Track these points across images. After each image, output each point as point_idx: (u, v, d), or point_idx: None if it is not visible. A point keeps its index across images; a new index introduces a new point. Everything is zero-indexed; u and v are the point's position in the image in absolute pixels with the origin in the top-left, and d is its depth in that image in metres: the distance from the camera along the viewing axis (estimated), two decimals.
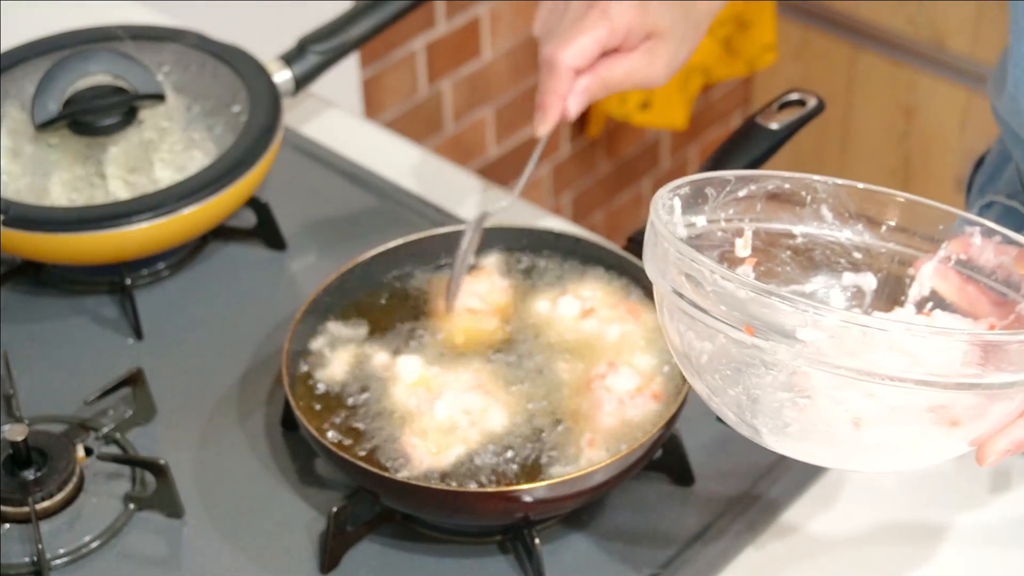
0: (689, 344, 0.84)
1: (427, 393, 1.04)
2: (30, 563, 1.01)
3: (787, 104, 1.17)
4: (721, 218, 0.93)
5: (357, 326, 1.11)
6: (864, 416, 0.80)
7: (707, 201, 0.91)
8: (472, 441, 1.01)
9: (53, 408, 1.13)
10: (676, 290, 0.81)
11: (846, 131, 2.68)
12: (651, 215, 0.84)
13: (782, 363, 0.79)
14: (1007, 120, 1.09)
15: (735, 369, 0.82)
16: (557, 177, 2.68)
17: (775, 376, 0.81)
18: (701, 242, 0.91)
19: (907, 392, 0.78)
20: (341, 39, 1.33)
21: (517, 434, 1.02)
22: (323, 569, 1.01)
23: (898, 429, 0.81)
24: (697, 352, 0.83)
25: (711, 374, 0.83)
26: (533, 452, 1.01)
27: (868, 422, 0.80)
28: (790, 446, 0.83)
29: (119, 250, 1.18)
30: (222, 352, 1.18)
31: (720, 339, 0.81)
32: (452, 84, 2.42)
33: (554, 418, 1.03)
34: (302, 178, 1.35)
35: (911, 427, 0.81)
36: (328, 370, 1.07)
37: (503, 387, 1.05)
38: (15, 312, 1.22)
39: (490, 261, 1.15)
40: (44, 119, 1.19)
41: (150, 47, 1.31)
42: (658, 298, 0.86)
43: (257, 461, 1.09)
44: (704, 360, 0.83)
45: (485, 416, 1.02)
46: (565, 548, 1.03)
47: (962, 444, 0.82)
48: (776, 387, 0.81)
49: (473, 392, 1.04)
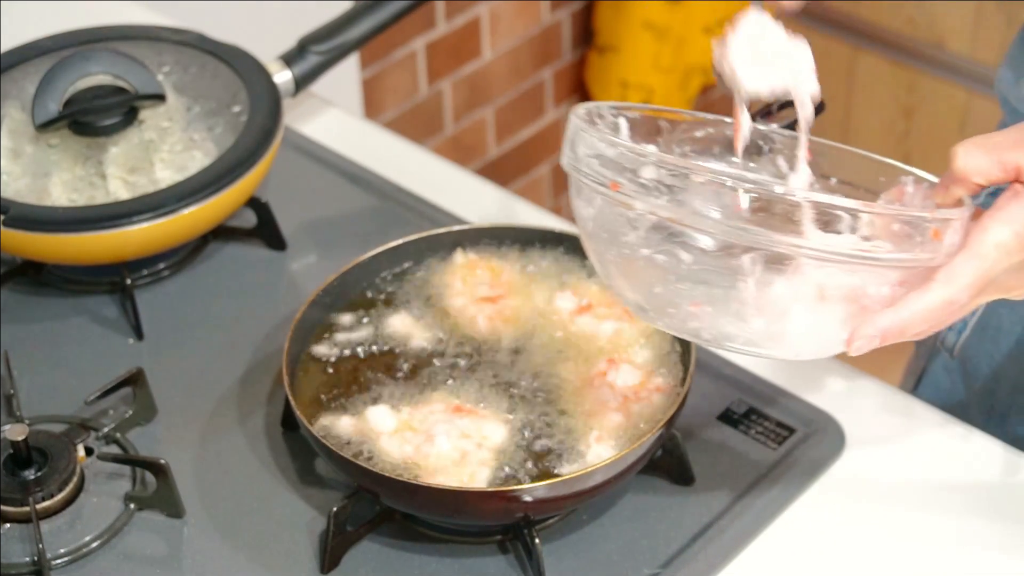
0: (579, 215, 0.89)
1: (415, 435, 1.02)
2: (30, 563, 1.01)
3: (787, 104, 1.17)
4: (676, 152, 0.98)
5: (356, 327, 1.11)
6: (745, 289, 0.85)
7: (660, 134, 0.96)
8: (488, 459, 1.01)
9: (53, 408, 1.13)
10: (570, 162, 0.89)
11: (846, 131, 2.69)
12: (571, 115, 0.90)
13: (640, 216, 0.84)
14: (1019, 108, 1.09)
15: (610, 232, 0.87)
16: (557, 177, 2.68)
17: (637, 232, 0.86)
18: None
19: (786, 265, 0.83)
20: (341, 39, 1.33)
21: (528, 434, 1.02)
22: (323, 569, 1.01)
23: (775, 303, 0.85)
24: (584, 220, 0.89)
25: (593, 240, 0.89)
26: (553, 445, 1.01)
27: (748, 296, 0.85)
28: (663, 317, 0.88)
29: (119, 250, 1.18)
30: (222, 352, 1.18)
31: (597, 201, 0.87)
32: (452, 84, 2.42)
33: (553, 415, 1.03)
34: (302, 178, 1.35)
35: (787, 301, 0.84)
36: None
37: (497, 396, 1.06)
38: (15, 312, 1.22)
39: (487, 255, 1.15)
40: (44, 119, 1.20)
41: (150, 47, 1.31)
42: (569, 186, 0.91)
43: (257, 461, 1.09)
44: (589, 227, 0.89)
45: (484, 432, 1.02)
46: (565, 548, 1.03)
47: (835, 326, 0.85)
48: (638, 245, 0.86)
49: (457, 415, 1.03)
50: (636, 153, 0.86)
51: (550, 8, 2.53)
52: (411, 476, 0.99)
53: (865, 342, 0.84)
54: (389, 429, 1.02)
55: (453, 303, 1.12)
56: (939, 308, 0.83)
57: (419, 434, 1.01)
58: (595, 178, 0.86)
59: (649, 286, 0.87)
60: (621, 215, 0.86)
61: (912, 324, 0.84)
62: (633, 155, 0.85)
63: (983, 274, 0.83)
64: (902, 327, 0.84)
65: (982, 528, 1.04)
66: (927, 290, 0.83)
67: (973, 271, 0.83)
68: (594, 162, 0.86)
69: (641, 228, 0.85)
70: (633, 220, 0.85)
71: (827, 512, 1.05)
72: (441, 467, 0.99)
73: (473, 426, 1.02)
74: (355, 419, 1.03)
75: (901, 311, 0.84)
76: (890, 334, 0.84)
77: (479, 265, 1.15)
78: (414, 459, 1.00)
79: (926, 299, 0.83)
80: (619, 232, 0.86)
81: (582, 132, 0.88)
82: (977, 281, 0.83)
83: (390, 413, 1.03)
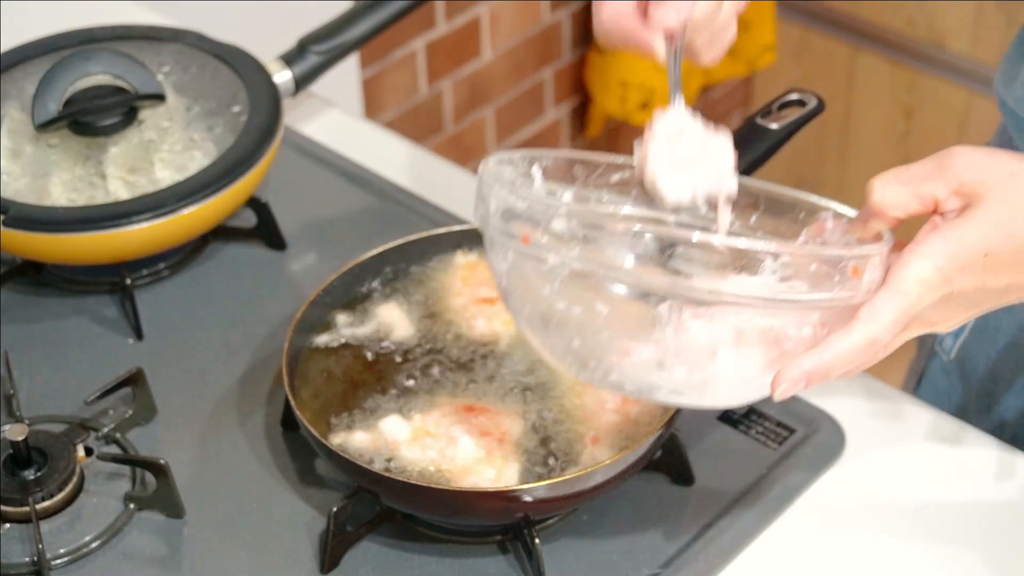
0: (495, 271, 0.88)
1: (435, 440, 1.02)
2: (30, 563, 1.01)
3: (787, 104, 1.17)
4: (592, 199, 0.96)
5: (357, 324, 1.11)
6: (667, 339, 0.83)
7: (576, 181, 0.94)
8: (512, 453, 1.01)
9: (53, 408, 1.13)
10: (482, 220, 0.86)
11: (846, 131, 2.69)
12: (480, 168, 0.88)
13: (554, 269, 0.83)
14: (1015, 109, 1.09)
15: (525, 286, 0.85)
16: None
17: (551, 286, 0.84)
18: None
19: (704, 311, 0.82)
20: (341, 39, 1.33)
21: (549, 424, 1.03)
22: (323, 569, 1.01)
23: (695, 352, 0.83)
24: (499, 276, 0.87)
25: (510, 297, 0.87)
26: (573, 435, 1.02)
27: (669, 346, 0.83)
28: (585, 370, 0.86)
29: (119, 250, 1.18)
30: (222, 352, 1.18)
31: (510, 255, 0.85)
32: (452, 84, 2.42)
33: (556, 413, 1.04)
34: (302, 178, 1.35)
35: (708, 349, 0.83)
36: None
37: (499, 394, 1.06)
38: (15, 312, 1.22)
39: (474, 258, 1.15)
40: (44, 119, 1.19)
41: (150, 47, 1.31)
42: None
43: (257, 461, 1.09)
44: (505, 283, 0.87)
45: (502, 427, 1.02)
46: (565, 548, 1.03)
47: (758, 370, 0.84)
48: (554, 298, 0.84)
49: (471, 414, 1.03)
50: (546, 205, 0.84)
51: (550, 8, 2.53)
52: (441, 480, 0.99)
53: (789, 385, 0.82)
54: (406, 438, 1.02)
55: (453, 304, 1.12)
56: (863, 348, 0.82)
57: (439, 438, 1.01)
58: (506, 232, 0.84)
59: (568, 340, 0.85)
60: (535, 269, 0.84)
61: (836, 365, 0.82)
62: (543, 207, 0.84)
63: (905, 311, 0.82)
64: (826, 369, 0.82)
65: (981, 527, 1.04)
66: (850, 330, 0.82)
67: (895, 308, 0.82)
68: (505, 216, 0.84)
69: (556, 281, 0.83)
70: (547, 273, 0.83)
71: (827, 512, 1.05)
72: (469, 467, 0.99)
73: (490, 422, 1.02)
74: (369, 433, 1.03)
75: (824, 353, 0.82)
76: (815, 376, 0.82)
77: (480, 266, 1.15)
78: (439, 463, 1.00)
79: (849, 339, 0.82)
80: (534, 286, 0.85)
81: (492, 185, 0.85)
82: (900, 318, 0.82)
83: (403, 422, 1.03)
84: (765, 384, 0.83)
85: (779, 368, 0.83)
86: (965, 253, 0.82)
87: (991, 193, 0.82)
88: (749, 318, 0.82)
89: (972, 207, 0.83)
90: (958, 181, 0.83)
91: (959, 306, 0.85)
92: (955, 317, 0.86)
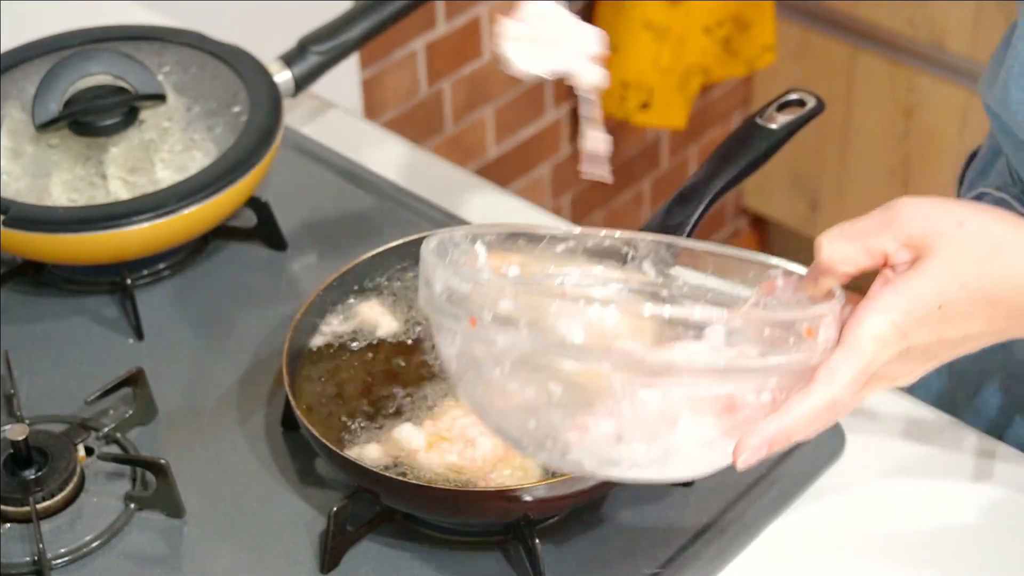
0: (443, 354, 0.85)
1: (452, 444, 1.02)
2: (31, 563, 1.01)
3: (787, 104, 1.17)
4: (537, 271, 0.94)
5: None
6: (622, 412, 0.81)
7: (519, 252, 0.93)
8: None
9: (54, 408, 1.13)
10: (427, 304, 0.83)
11: (846, 131, 2.69)
12: (422, 249, 0.85)
13: (503, 352, 0.81)
14: (997, 112, 1.10)
15: (475, 369, 0.83)
16: (557, 177, 2.68)
17: (502, 368, 0.82)
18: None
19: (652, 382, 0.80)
20: (341, 39, 1.33)
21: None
22: (323, 569, 1.01)
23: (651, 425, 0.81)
24: (448, 360, 0.85)
25: (461, 381, 0.85)
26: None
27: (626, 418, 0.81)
28: (540, 451, 0.84)
29: (120, 250, 1.18)
30: (222, 352, 1.18)
31: (458, 339, 0.83)
32: (452, 84, 2.42)
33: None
34: (302, 178, 1.35)
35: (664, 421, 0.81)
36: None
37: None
38: (15, 312, 1.22)
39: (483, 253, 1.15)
40: (45, 119, 1.20)
41: (150, 47, 1.31)
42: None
43: (257, 461, 1.09)
44: (455, 367, 0.84)
45: None
46: (565, 548, 1.03)
47: (718, 439, 0.82)
48: (505, 381, 0.82)
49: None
50: (491, 285, 0.83)
51: None
52: (466, 483, 0.99)
53: (751, 453, 0.80)
54: (421, 445, 1.01)
55: None
56: (823, 410, 0.81)
57: (456, 442, 1.01)
58: (453, 315, 0.82)
59: (523, 421, 0.83)
60: (485, 351, 0.82)
61: (797, 429, 0.81)
62: (488, 287, 0.82)
63: (863, 369, 0.81)
64: (788, 433, 0.80)
65: (981, 527, 1.04)
66: (808, 393, 0.80)
67: (852, 368, 0.80)
68: (452, 299, 0.82)
69: (506, 363, 0.82)
70: (497, 355, 0.81)
71: (827, 512, 1.05)
72: (491, 466, 0.99)
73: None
74: (382, 445, 1.02)
75: (784, 417, 0.80)
76: (777, 442, 0.80)
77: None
78: (460, 465, 1.00)
79: (809, 402, 0.80)
80: (484, 369, 0.83)
81: (436, 268, 0.84)
82: (858, 377, 0.81)
83: (415, 429, 1.03)
84: (727, 452, 0.81)
85: (740, 436, 0.81)
86: (920, 307, 0.81)
87: (941, 243, 0.82)
88: (705, 386, 0.80)
89: (923, 259, 0.82)
90: (906, 233, 0.82)
91: (917, 359, 0.84)
92: (915, 370, 0.85)
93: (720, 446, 0.82)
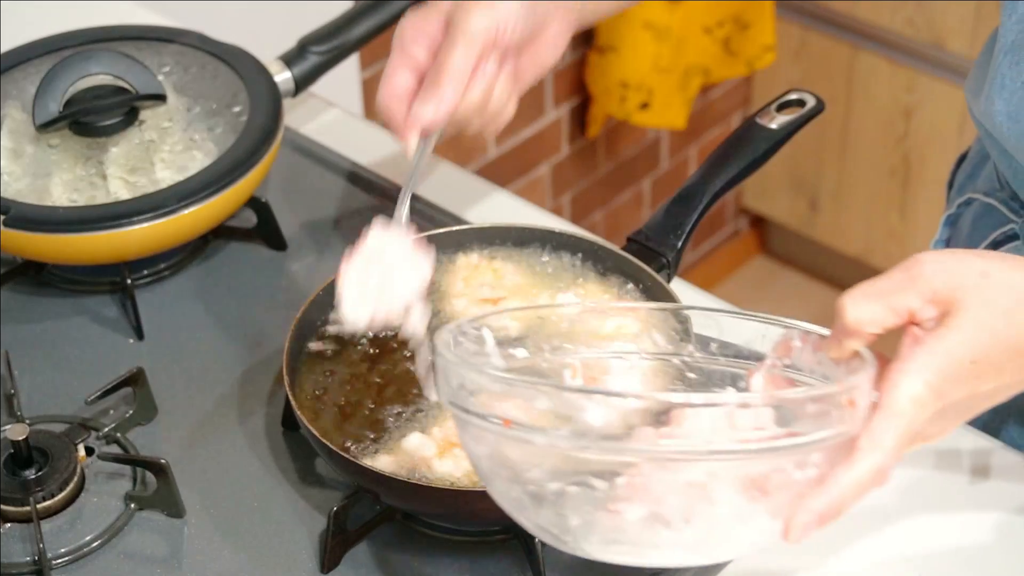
0: (472, 453, 0.83)
1: (463, 449, 1.01)
2: (31, 562, 1.02)
3: (787, 104, 1.17)
4: (545, 349, 0.93)
5: None
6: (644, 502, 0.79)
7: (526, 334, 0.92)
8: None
9: (54, 408, 1.13)
10: (450, 400, 0.81)
11: (846, 131, 2.69)
12: (436, 345, 0.84)
13: (542, 448, 0.78)
14: (982, 122, 1.10)
15: (510, 469, 0.81)
16: (557, 177, 2.68)
17: (540, 468, 0.80)
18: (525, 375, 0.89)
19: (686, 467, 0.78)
20: (341, 40, 1.33)
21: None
22: (323, 569, 1.01)
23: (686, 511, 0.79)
24: (478, 459, 0.83)
25: (494, 480, 0.83)
26: None
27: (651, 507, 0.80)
28: (585, 545, 0.82)
29: (120, 250, 1.18)
30: (222, 352, 1.18)
31: (489, 438, 0.80)
32: None
33: None
34: (302, 178, 1.35)
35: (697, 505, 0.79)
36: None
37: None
38: (16, 312, 1.22)
39: (489, 256, 1.15)
40: (45, 119, 1.20)
41: (150, 47, 1.31)
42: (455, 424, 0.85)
43: (257, 461, 1.09)
44: (486, 466, 0.82)
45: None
46: None
47: (767, 522, 0.81)
48: (546, 478, 0.80)
49: None
50: (524, 384, 0.80)
51: None
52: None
53: (802, 530, 0.79)
54: (432, 453, 1.01)
55: (454, 303, 1.12)
56: (870, 478, 0.80)
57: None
58: (484, 416, 0.79)
59: (564, 519, 0.81)
60: (520, 450, 0.79)
61: (846, 500, 0.80)
62: (526, 388, 0.80)
63: (904, 433, 0.80)
64: (838, 505, 0.79)
65: (981, 526, 1.04)
66: (854, 462, 0.79)
67: (895, 432, 0.79)
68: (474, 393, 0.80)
69: (545, 462, 0.80)
70: (535, 454, 0.79)
71: None
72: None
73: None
74: (392, 456, 1.02)
75: (832, 490, 0.79)
76: (827, 515, 0.79)
77: (482, 266, 1.15)
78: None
79: (856, 472, 0.79)
80: (521, 469, 0.80)
81: (459, 365, 0.81)
82: (901, 441, 0.80)
83: (425, 438, 1.02)
84: (774, 530, 0.81)
85: (787, 512, 0.80)
86: (953, 364, 0.80)
87: (967, 297, 0.81)
88: (753, 467, 0.79)
89: (951, 315, 0.81)
90: (931, 289, 0.81)
91: (952, 416, 0.84)
92: (948, 427, 0.85)
93: (767, 525, 0.81)
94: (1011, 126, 1.04)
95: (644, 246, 1.14)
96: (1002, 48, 1.05)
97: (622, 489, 0.79)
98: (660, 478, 0.79)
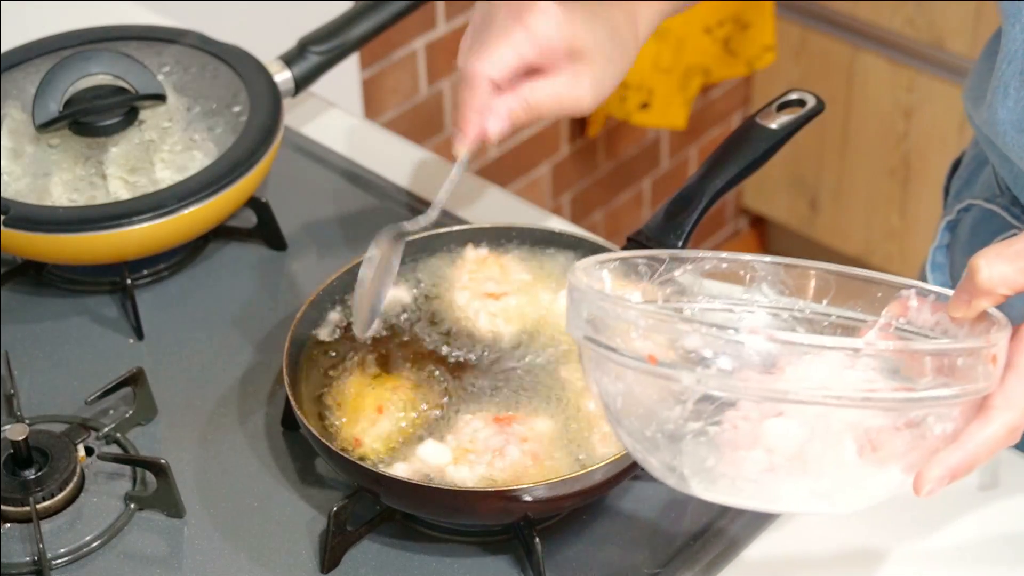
0: (605, 391, 0.83)
1: (478, 456, 1.01)
2: (31, 563, 1.02)
3: (787, 104, 1.17)
4: (659, 297, 0.93)
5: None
6: (779, 444, 0.79)
7: (641, 279, 0.91)
8: (553, 451, 1.01)
9: (54, 408, 1.13)
10: (587, 336, 0.81)
11: (846, 131, 2.69)
12: (568, 277, 0.84)
13: (688, 390, 0.78)
14: (984, 131, 1.10)
15: (647, 408, 0.81)
16: (557, 177, 2.68)
17: (684, 407, 0.80)
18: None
19: (823, 413, 0.78)
20: (341, 40, 1.33)
21: (571, 421, 1.03)
22: (323, 569, 1.01)
23: (821, 457, 0.80)
24: (612, 396, 0.82)
25: (627, 417, 0.82)
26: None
27: (783, 451, 0.79)
28: (713, 487, 0.82)
29: (120, 250, 1.18)
30: (222, 352, 1.18)
31: (628, 376, 0.80)
32: (452, 84, 2.42)
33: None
34: (302, 178, 1.35)
35: (832, 453, 0.80)
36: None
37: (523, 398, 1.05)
38: (16, 312, 1.22)
39: (495, 253, 1.15)
40: (45, 119, 1.20)
41: (150, 47, 1.31)
42: (581, 355, 0.85)
43: (257, 461, 1.09)
44: (619, 404, 0.82)
45: (537, 429, 1.02)
46: (565, 548, 1.03)
47: (897, 476, 0.81)
48: (687, 418, 0.80)
49: (502, 423, 1.03)
50: (676, 322, 0.80)
51: None
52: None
53: (935, 484, 0.81)
54: (447, 460, 1.01)
55: (456, 301, 1.12)
56: (1004, 436, 0.80)
57: (483, 453, 1.00)
58: (626, 352, 0.79)
59: (701, 460, 0.81)
60: (663, 388, 0.79)
61: (979, 457, 0.80)
62: (670, 325, 0.79)
63: None
64: (970, 461, 0.80)
65: (980, 525, 1.04)
66: (988, 420, 0.80)
67: None
68: (599, 327, 0.80)
69: (689, 401, 0.79)
70: (679, 393, 0.79)
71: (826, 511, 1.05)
72: (522, 473, 0.99)
73: (524, 428, 1.01)
74: (407, 464, 1.01)
75: (966, 445, 0.80)
76: (960, 471, 0.80)
77: (489, 261, 1.14)
78: (491, 475, 0.99)
79: (990, 429, 0.80)
80: (659, 407, 0.80)
81: (598, 302, 0.81)
82: None
83: (440, 445, 1.02)
84: (903, 483, 0.81)
85: (921, 467, 0.81)
86: None
87: None
88: (896, 417, 0.80)
89: None
90: None
91: None
92: None
93: (897, 477, 0.81)
94: (1016, 136, 1.04)
95: (644, 246, 1.14)
96: (1006, 57, 1.05)
97: (765, 431, 0.79)
98: (802, 423, 0.79)
